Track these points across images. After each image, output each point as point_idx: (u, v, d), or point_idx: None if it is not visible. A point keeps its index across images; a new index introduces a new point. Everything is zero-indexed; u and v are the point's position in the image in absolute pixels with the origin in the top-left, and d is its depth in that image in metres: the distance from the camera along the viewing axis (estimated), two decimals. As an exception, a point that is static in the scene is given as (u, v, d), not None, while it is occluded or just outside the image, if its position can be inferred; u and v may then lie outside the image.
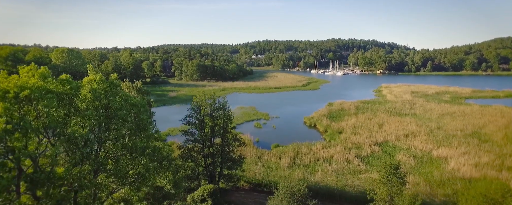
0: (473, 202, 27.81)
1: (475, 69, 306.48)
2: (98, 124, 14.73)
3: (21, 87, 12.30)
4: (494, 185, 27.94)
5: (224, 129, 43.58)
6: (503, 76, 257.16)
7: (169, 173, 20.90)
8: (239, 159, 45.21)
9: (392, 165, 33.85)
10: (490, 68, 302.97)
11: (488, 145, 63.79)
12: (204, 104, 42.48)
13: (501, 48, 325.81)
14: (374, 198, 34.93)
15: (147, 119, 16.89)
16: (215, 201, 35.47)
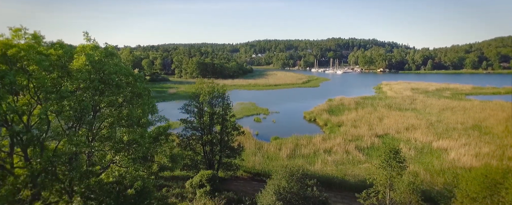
0: (474, 183, 27.50)
1: (475, 67, 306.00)
2: (92, 87, 14.41)
3: (8, 45, 12.01)
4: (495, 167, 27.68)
5: (223, 117, 43.34)
6: (504, 74, 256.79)
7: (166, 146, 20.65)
8: (238, 148, 44.96)
9: (392, 149, 33.57)
10: (490, 66, 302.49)
11: (488, 136, 63.49)
12: (202, 91, 42.22)
13: (501, 47, 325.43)
14: (373, 183, 34.67)
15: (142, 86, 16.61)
16: (214, 186, 35.22)
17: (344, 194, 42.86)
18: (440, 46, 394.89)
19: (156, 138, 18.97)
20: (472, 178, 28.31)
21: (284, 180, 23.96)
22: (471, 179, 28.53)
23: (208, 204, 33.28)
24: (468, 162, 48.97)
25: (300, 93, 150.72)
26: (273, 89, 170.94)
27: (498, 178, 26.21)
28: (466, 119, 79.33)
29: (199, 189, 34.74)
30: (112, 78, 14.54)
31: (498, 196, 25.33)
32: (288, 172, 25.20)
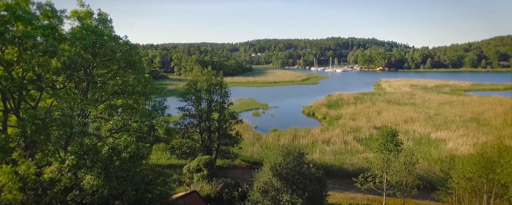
0: (470, 163, 27.53)
1: (474, 66, 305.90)
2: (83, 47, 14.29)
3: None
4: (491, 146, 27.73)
5: (221, 105, 43.36)
6: (503, 73, 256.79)
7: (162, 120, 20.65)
8: (236, 136, 44.97)
9: (389, 132, 33.58)
10: (489, 65, 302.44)
11: (486, 128, 63.58)
12: (200, 79, 42.25)
13: (500, 46, 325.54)
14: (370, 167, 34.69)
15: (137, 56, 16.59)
16: (211, 171, 35.21)
17: (342, 181, 42.92)
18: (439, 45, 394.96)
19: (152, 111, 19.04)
20: (468, 158, 28.34)
21: (281, 156, 23.96)
22: (467, 159, 28.56)
23: (205, 187, 33.29)
24: (466, 151, 48.87)
25: (299, 90, 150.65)
26: (272, 86, 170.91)
27: (493, 157, 26.25)
28: (464, 112, 79.43)
29: (196, 174, 34.74)
30: (105, 41, 14.52)
31: (493, 174, 25.36)
32: (285, 151, 25.20)
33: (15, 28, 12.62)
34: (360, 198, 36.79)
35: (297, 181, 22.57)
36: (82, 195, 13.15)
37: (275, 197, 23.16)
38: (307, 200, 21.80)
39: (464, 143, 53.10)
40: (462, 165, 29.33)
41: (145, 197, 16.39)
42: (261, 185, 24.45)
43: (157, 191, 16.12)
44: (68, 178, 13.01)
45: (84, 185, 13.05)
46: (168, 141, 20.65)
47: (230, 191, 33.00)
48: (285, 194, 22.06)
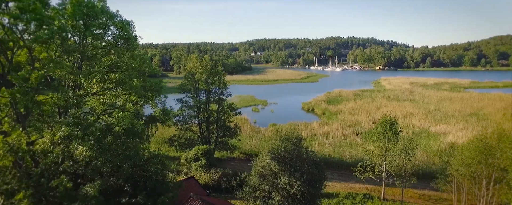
0: (469, 149, 27.37)
1: (474, 65, 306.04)
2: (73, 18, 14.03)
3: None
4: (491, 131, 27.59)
5: (219, 96, 43.16)
6: (503, 71, 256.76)
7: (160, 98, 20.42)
8: (235, 128, 44.77)
9: (388, 120, 33.43)
10: (489, 64, 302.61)
11: (486, 122, 63.40)
12: (198, 70, 42.04)
13: (500, 45, 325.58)
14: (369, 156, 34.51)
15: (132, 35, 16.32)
16: (209, 160, 35.00)
17: (341, 172, 42.75)
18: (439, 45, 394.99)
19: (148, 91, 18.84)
20: (468, 145, 28.19)
21: (279, 140, 23.77)
22: (466, 146, 28.41)
23: (203, 176, 33.09)
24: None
25: (299, 88, 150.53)
26: (272, 84, 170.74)
27: (493, 142, 26.09)
28: (464, 108, 79.28)
29: (194, 163, 34.54)
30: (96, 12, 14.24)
31: (493, 158, 25.18)
32: (283, 136, 24.98)
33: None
34: (359, 188, 36.62)
35: (295, 164, 22.37)
36: (76, 166, 12.95)
37: (273, 181, 22.97)
38: (305, 183, 21.61)
39: (464, 136, 52.85)
40: (461, 151, 29.18)
41: (141, 175, 16.21)
42: (259, 170, 24.26)
43: (153, 169, 15.93)
44: (60, 149, 12.80)
45: (77, 156, 12.85)
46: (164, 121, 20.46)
47: (228, 180, 32.81)
48: (283, 176, 21.87)
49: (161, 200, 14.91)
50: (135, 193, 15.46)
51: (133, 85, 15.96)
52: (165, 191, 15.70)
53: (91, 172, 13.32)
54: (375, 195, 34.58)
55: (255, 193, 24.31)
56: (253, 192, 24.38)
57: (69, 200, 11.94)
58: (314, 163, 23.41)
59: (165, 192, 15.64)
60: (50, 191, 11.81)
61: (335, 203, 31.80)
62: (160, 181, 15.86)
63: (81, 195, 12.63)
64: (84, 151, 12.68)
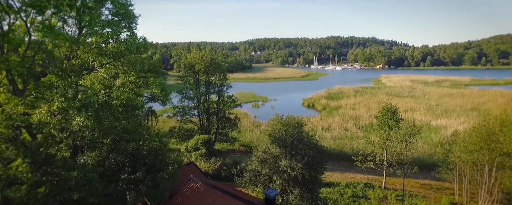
0: (472, 135, 27.18)
1: (474, 63, 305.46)
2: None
3: None
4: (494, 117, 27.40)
5: (219, 87, 42.96)
6: (503, 70, 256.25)
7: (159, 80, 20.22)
8: (235, 119, 44.58)
9: (389, 108, 33.25)
10: (489, 62, 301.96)
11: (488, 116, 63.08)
12: (198, 60, 41.84)
13: (501, 44, 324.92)
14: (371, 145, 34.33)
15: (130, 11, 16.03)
16: (209, 149, 34.79)
17: (342, 163, 42.56)
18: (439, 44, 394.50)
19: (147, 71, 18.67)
20: (471, 131, 27.99)
21: (280, 124, 23.56)
22: (469, 132, 28.22)
23: (203, 165, 32.88)
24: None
25: (299, 85, 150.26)
26: (272, 82, 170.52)
27: (496, 127, 25.89)
28: (465, 103, 79.01)
29: (194, 152, 34.34)
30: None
31: (495, 143, 24.96)
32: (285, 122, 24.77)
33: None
34: (360, 178, 36.41)
35: (296, 147, 22.16)
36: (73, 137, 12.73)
37: (274, 164, 22.77)
38: (306, 165, 21.40)
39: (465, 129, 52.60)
40: (464, 138, 29.01)
41: (140, 152, 16.01)
42: (260, 154, 24.07)
43: (153, 144, 15.72)
44: (57, 120, 12.58)
45: (74, 126, 12.63)
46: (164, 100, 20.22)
47: (228, 168, 32.60)
48: (284, 159, 21.66)
49: (161, 176, 14.72)
50: (134, 170, 15.27)
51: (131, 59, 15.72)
52: (165, 168, 15.51)
53: (88, 142, 13.11)
54: (376, 184, 34.36)
55: (256, 178, 24.13)
56: (254, 178, 24.19)
57: (67, 169, 11.74)
58: (315, 146, 23.18)
59: (165, 168, 15.45)
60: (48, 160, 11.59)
61: (336, 191, 31.58)
62: (160, 158, 15.67)
63: (79, 164, 12.43)
64: (81, 121, 12.46)
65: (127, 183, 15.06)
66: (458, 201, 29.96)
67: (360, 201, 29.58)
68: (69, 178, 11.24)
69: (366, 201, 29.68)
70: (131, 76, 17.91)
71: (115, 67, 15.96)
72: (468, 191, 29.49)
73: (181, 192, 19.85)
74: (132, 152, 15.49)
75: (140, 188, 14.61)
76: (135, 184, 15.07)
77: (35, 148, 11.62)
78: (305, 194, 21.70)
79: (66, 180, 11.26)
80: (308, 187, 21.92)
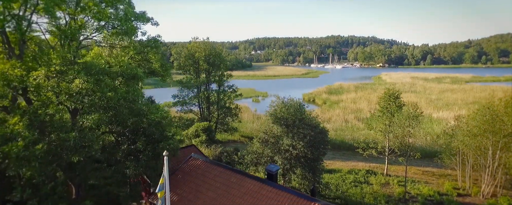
0: (476, 118, 26.96)
1: (475, 62, 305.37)
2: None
3: None
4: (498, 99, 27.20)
5: (219, 76, 42.73)
6: (503, 68, 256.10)
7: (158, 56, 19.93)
8: (235, 109, 44.36)
9: (391, 94, 33.01)
10: (490, 61, 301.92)
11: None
12: (198, 49, 41.63)
13: (501, 42, 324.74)
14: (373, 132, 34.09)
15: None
16: (210, 136, 34.53)
17: (343, 152, 42.37)
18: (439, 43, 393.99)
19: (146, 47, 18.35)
20: (474, 114, 27.77)
21: (282, 104, 23.32)
22: (473, 115, 27.99)
23: (203, 152, 32.57)
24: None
25: (300, 82, 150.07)
26: (272, 79, 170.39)
27: (500, 109, 25.66)
28: (466, 97, 78.76)
29: (195, 139, 34.07)
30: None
31: (500, 123, 24.71)
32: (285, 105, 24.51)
33: None
34: (362, 165, 36.14)
35: (297, 126, 21.90)
36: (72, 100, 12.44)
37: (275, 145, 22.51)
38: (308, 144, 21.13)
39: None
40: (467, 121, 28.78)
41: (140, 124, 15.75)
42: (261, 135, 23.82)
43: (153, 117, 15.45)
44: (55, 82, 12.30)
45: (73, 88, 12.33)
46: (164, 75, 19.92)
47: (229, 155, 32.34)
48: (286, 138, 21.39)
49: (162, 146, 14.45)
50: (134, 141, 15.01)
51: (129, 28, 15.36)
52: (165, 139, 15.26)
53: (88, 106, 12.81)
54: (378, 171, 34.09)
55: (257, 160, 23.87)
56: (256, 159, 23.93)
57: (65, 131, 11.47)
58: (317, 127, 22.93)
59: (165, 140, 15.19)
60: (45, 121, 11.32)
61: (337, 177, 31.31)
62: (160, 129, 15.41)
63: (78, 126, 12.17)
64: (80, 83, 12.16)
65: (127, 154, 14.79)
66: (461, 186, 29.69)
67: (362, 186, 29.31)
68: (67, 138, 10.97)
69: (368, 186, 29.41)
70: (130, 51, 17.64)
71: (113, 34, 15.61)
72: (471, 177, 29.23)
73: (181, 169, 19.59)
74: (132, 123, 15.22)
75: (141, 158, 14.34)
76: (135, 155, 14.80)
77: (33, 110, 11.35)
78: (307, 174, 21.44)
79: (64, 140, 10.98)
80: (310, 167, 21.67)
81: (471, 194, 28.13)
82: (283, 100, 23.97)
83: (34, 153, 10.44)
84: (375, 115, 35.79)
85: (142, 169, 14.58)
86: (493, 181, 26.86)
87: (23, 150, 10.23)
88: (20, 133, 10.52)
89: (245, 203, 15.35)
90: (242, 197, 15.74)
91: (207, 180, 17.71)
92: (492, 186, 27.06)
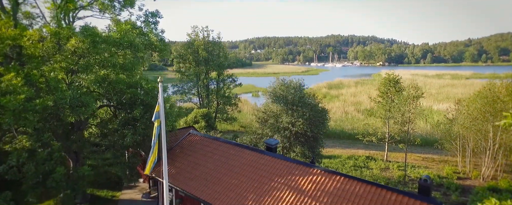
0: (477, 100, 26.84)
1: (475, 61, 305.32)
2: None
3: None
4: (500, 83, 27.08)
5: (218, 65, 42.60)
6: (504, 66, 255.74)
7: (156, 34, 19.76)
8: (235, 98, 44.24)
9: (391, 79, 32.91)
10: (490, 59, 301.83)
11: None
12: (197, 37, 41.52)
13: (501, 41, 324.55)
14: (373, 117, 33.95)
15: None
16: (209, 122, 34.39)
17: (343, 141, 42.26)
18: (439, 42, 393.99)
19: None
20: (476, 96, 27.67)
21: (281, 83, 23.21)
22: (473, 96, 27.89)
23: (203, 137, 32.42)
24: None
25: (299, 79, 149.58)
26: (272, 76, 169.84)
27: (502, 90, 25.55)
28: (467, 91, 78.54)
29: (194, 125, 33.89)
30: None
31: (501, 105, 24.59)
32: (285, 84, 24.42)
33: None
34: (362, 152, 36.01)
35: (297, 104, 21.78)
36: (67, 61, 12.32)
37: (275, 123, 22.40)
38: (308, 121, 21.01)
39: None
40: (468, 104, 28.66)
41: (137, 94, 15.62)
42: (261, 115, 23.71)
43: (151, 86, 15.32)
44: (50, 42, 12.17)
45: (68, 47, 12.19)
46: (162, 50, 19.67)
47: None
48: (286, 116, 21.27)
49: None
50: (132, 109, 14.89)
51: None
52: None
53: (84, 67, 12.67)
54: (378, 158, 33.94)
55: (256, 140, 23.76)
56: (255, 140, 23.83)
57: (61, 92, 11.33)
58: (316, 106, 22.80)
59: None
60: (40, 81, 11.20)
61: (337, 162, 31.15)
62: (156, 98, 15.26)
63: (74, 85, 12.04)
64: (76, 42, 12.02)
65: (124, 123, 14.68)
66: (461, 171, 29.54)
67: (361, 170, 29.17)
68: (63, 96, 10.84)
69: (368, 170, 29.27)
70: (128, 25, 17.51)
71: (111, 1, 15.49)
72: (472, 162, 29.09)
73: (180, 144, 19.48)
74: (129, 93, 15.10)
75: (138, 126, 14.21)
76: (133, 124, 14.69)
77: (28, 70, 11.23)
78: (307, 152, 21.32)
79: (60, 98, 10.86)
80: (310, 145, 21.55)
81: (471, 177, 27.98)
82: (283, 80, 23.86)
83: (33, 107, 10.28)
84: (375, 100, 35.72)
85: (140, 138, 14.47)
86: (494, 164, 26.71)
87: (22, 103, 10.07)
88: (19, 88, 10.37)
89: (244, 172, 15.23)
90: (241, 167, 15.61)
91: (206, 153, 17.58)
92: (492, 169, 26.90)
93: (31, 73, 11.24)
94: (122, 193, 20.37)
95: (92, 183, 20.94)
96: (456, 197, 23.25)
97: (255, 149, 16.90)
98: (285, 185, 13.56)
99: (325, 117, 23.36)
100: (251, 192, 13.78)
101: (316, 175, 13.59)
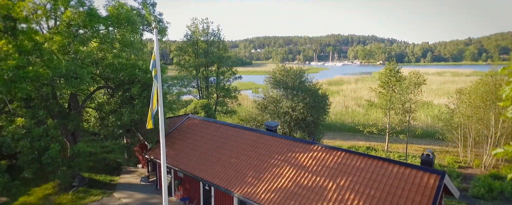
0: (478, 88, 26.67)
1: (475, 59, 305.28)
2: None
3: None
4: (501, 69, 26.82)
5: (218, 58, 42.34)
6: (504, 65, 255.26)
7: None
8: (234, 90, 43.98)
9: (392, 68, 32.73)
10: (490, 58, 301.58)
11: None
12: (196, 29, 41.30)
13: (501, 40, 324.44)
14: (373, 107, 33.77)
15: None
16: (209, 113, 34.15)
17: (343, 133, 42.09)
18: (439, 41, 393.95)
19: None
20: (478, 83, 27.50)
21: (281, 67, 23.01)
22: (475, 84, 27.72)
23: (202, 127, 32.20)
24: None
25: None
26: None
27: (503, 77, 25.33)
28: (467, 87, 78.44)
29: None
30: None
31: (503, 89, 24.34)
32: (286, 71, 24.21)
33: None
34: (362, 143, 35.83)
35: (297, 89, 21.58)
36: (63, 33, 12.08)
37: (274, 109, 22.19)
38: (308, 106, 20.80)
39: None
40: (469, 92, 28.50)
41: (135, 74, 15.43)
42: (260, 101, 23.51)
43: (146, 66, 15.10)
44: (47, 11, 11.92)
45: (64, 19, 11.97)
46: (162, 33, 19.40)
47: (228, 130, 31.95)
48: (286, 100, 21.07)
49: (156, 91, 14.08)
50: (129, 88, 14.69)
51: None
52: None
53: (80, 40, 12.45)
54: (379, 148, 33.77)
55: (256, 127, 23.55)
56: (255, 127, 23.62)
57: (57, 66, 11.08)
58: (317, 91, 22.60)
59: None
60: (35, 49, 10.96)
61: (338, 152, 30.92)
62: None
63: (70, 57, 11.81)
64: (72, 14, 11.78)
65: (121, 102, 14.47)
66: (463, 160, 29.36)
67: (362, 160, 28.95)
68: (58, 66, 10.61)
69: (369, 160, 29.06)
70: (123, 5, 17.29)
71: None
72: (473, 151, 28.91)
73: (178, 128, 19.28)
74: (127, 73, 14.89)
75: (135, 103, 14.00)
76: (130, 103, 14.47)
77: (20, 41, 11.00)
78: (307, 137, 21.11)
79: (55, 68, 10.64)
80: (310, 130, 21.34)
81: (472, 166, 27.80)
82: (283, 65, 23.66)
83: (26, 74, 10.06)
84: (376, 90, 35.57)
85: (138, 116, 14.24)
86: (495, 152, 26.51)
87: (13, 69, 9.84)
88: (10, 55, 10.14)
89: (244, 151, 15.03)
90: (241, 146, 15.41)
91: (205, 135, 17.39)
92: (494, 158, 26.71)
93: (23, 44, 11.00)
94: (121, 177, 20.18)
95: (90, 169, 20.77)
96: (458, 183, 23.04)
97: (255, 130, 16.70)
98: (286, 162, 13.36)
99: (326, 102, 23.15)
100: (251, 169, 13.58)
101: (317, 152, 13.40)
